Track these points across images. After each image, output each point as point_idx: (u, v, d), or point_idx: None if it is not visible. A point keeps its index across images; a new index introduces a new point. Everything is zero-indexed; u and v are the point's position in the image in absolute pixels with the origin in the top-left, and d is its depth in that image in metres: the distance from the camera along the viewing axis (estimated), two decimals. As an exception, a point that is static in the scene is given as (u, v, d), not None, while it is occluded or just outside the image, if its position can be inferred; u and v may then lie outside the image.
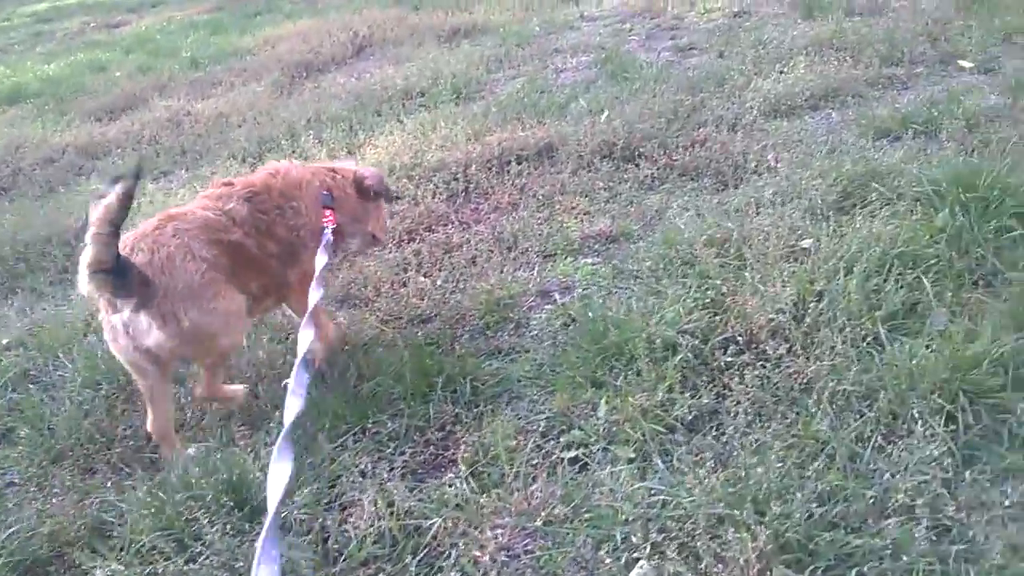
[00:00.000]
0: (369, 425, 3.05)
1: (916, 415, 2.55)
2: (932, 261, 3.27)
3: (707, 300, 3.31)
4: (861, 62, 5.70)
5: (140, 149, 7.19)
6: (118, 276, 2.65)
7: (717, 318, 3.20)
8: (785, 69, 5.76)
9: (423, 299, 3.86)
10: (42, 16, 17.99)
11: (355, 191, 3.64)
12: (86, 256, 2.60)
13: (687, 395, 2.88)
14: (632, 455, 2.72)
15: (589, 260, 4.06)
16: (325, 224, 3.39)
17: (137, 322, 2.81)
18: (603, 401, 2.93)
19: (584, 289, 3.78)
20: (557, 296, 3.79)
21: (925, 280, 3.14)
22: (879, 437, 2.56)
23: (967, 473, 2.39)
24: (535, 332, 3.54)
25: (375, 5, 11.25)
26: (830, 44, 6.05)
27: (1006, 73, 5.23)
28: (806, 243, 3.58)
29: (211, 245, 3.00)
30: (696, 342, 3.09)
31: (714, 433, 2.74)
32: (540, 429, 2.93)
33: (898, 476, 2.39)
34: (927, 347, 2.85)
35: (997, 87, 5.09)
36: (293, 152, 6.05)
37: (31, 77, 10.81)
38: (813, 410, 2.69)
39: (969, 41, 5.82)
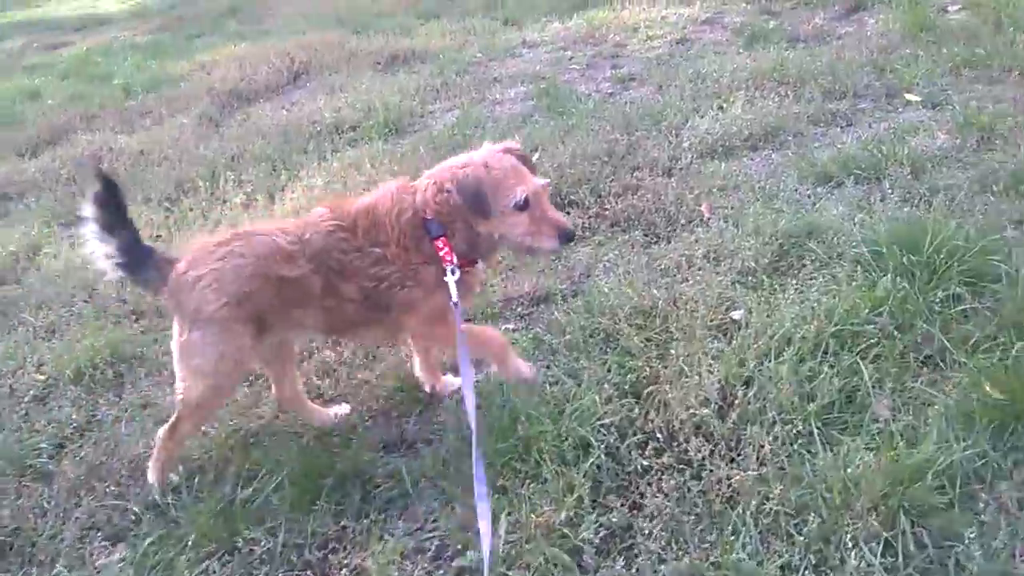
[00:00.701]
0: (240, 543, 2.67)
1: (850, 541, 2.25)
2: (872, 339, 2.97)
3: (627, 385, 3.00)
4: (803, 97, 5.44)
5: (56, 191, 6.71)
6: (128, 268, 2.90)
7: (636, 409, 2.88)
8: (724, 105, 5.48)
9: (326, 377, 3.49)
10: (-13, 34, 17.34)
11: (462, 208, 2.79)
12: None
13: (597, 512, 2.54)
14: (532, 586, 2.38)
15: (510, 326, 3.72)
16: (445, 262, 2.77)
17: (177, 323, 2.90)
18: (504, 515, 2.58)
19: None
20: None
21: (864, 367, 2.84)
22: (808, 569, 2.24)
23: (905, 616, 2.08)
24: (444, 418, 3.19)
25: (317, 28, 10.85)
26: (771, 77, 5.78)
27: (954, 108, 4.99)
28: (736, 314, 3.29)
29: (254, 279, 2.79)
30: (612, 439, 2.76)
31: (625, 557, 2.40)
32: (432, 549, 2.58)
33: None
34: (867, 448, 2.55)
35: (945, 124, 4.84)
36: (213, 194, 5.65)
37: (-36, 105, 10.25)
38: (735, 532, 2.37)
39: (916, 73, 5.58)
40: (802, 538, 2.31)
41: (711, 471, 2.58)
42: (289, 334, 3.08)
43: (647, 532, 2.43)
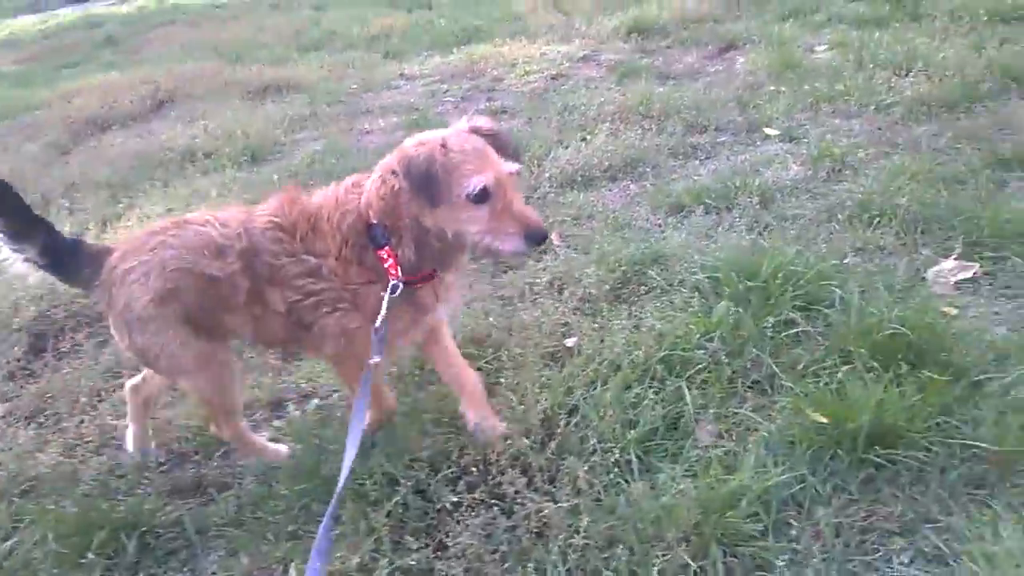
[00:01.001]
0: (-14, 608, 2.32)
1: (658, 574, 2.07)
2: (701, 364, 2.85)
3: (447, 417, 2.78)
4: (665, 130, 5.43)
5: None
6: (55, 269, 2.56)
7: (452, 442, 2.66)
8: (588, 137, 5.42)
9: (121, 417, 3.15)
10: None
11: (407, 194, 2.29)
12: None
13: (397, 554, 2.30)
14: (316, 642, 2.11)
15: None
16: (389, 276, 2.34)
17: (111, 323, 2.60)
18: (294, 565, 2.32)
19: (323, 399, 3.18)
20: (292, 407, 3.17)
21: (689, 392, 2.71)
22: (615, 607, 2.06)
23: (712, 658, 1.91)
24: (255, 463, 2.89)
25: (193, 58, 10.49)
26: (636, 111, 5.77)
27: (810, 142, 5.05)
28: (570, 342, 3.13)
29: (179, 274, 2.44)
30: (423, 475, 2.54)
31: (421, 605, 2.18)
32: (210, 604, 2.30)
33: (626, 668, 1.89)
34: (686, 475, 2.40)
35: (799, 157, 4.88)
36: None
37: None
38: (541, 569, 2.17)
39: (777, 108, 5.66)
40: (610, 572, 2.12)
41: (523, 505, 2.38)
42: (226, 341, 2.66)
43: (446, 573, 2.21)
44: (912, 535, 2.22)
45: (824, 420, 2.49)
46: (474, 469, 2.55)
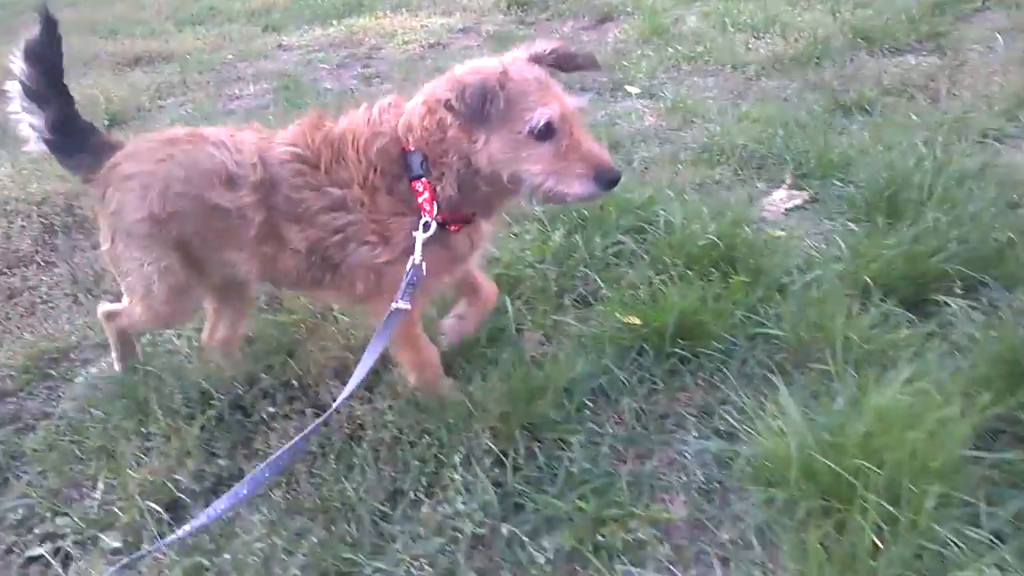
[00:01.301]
0: None
1: (459, 460, 2.13)
2: (531, 283, 2.93)
3: (283, 341, 2.78)
4: (531, 88, 5.51)
5: None
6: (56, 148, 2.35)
7: (275, 357, 2.66)
8: (453, 94, 5.45)
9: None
10: None
11: (458, 128, 2.05)
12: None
13: (207, 462, 2.29)
14: (118, 544, 2.09)
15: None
16: (423, 211, 2.10)
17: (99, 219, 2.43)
18: (102, 477, 2.28)
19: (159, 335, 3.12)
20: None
21: (513, 305, 2.78)
22: (419, 490, 2.11)
23: (504, 528, 1.98)
24: (77, 391, 2.83)
25: (67, 35, 10.04)
26: (505, 71, 5.83)
27: (667, 97, 5.22)
28: (406, 267, 3.16)
29: (182, 199, 2.21)
30: (241, 391, 2.53)
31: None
32: (15, 520, 2.24)
33: (419, 541, 1.93)
34: (501, 380, 2.46)
35: (656, 111, 5.05)
36: None
37: None
38: (349, 465, 2.20)
39: (640, 69, 5.82)
40: (417, 462, 2.17)
41: (339, 412, 2.39)
42: (221, 277, 2.42)
43: (255, 478, 2.22)
44: (709, 417, 2.34)
45: (636, 321, 2.59)
46: (294, 383, 2.56)
